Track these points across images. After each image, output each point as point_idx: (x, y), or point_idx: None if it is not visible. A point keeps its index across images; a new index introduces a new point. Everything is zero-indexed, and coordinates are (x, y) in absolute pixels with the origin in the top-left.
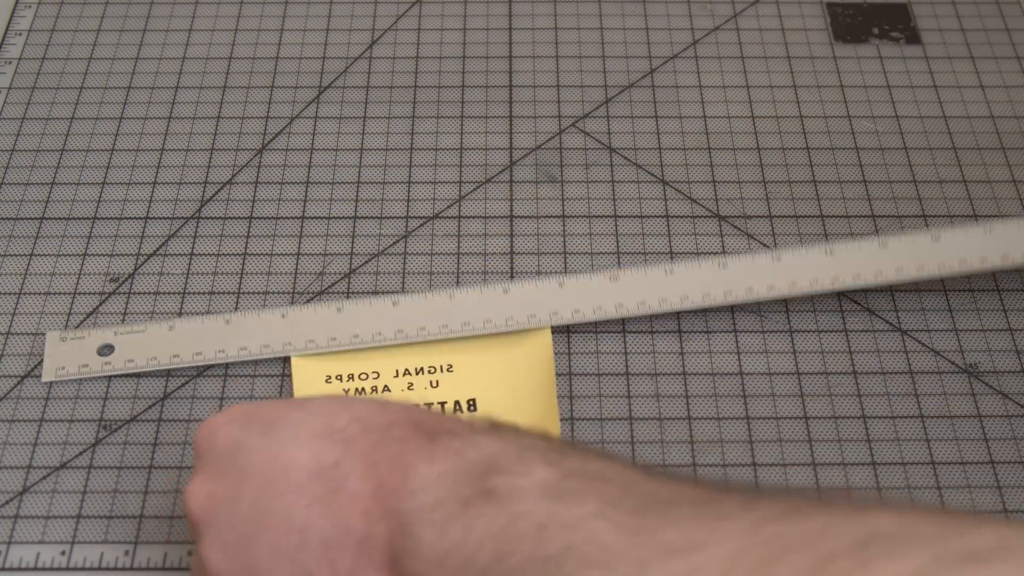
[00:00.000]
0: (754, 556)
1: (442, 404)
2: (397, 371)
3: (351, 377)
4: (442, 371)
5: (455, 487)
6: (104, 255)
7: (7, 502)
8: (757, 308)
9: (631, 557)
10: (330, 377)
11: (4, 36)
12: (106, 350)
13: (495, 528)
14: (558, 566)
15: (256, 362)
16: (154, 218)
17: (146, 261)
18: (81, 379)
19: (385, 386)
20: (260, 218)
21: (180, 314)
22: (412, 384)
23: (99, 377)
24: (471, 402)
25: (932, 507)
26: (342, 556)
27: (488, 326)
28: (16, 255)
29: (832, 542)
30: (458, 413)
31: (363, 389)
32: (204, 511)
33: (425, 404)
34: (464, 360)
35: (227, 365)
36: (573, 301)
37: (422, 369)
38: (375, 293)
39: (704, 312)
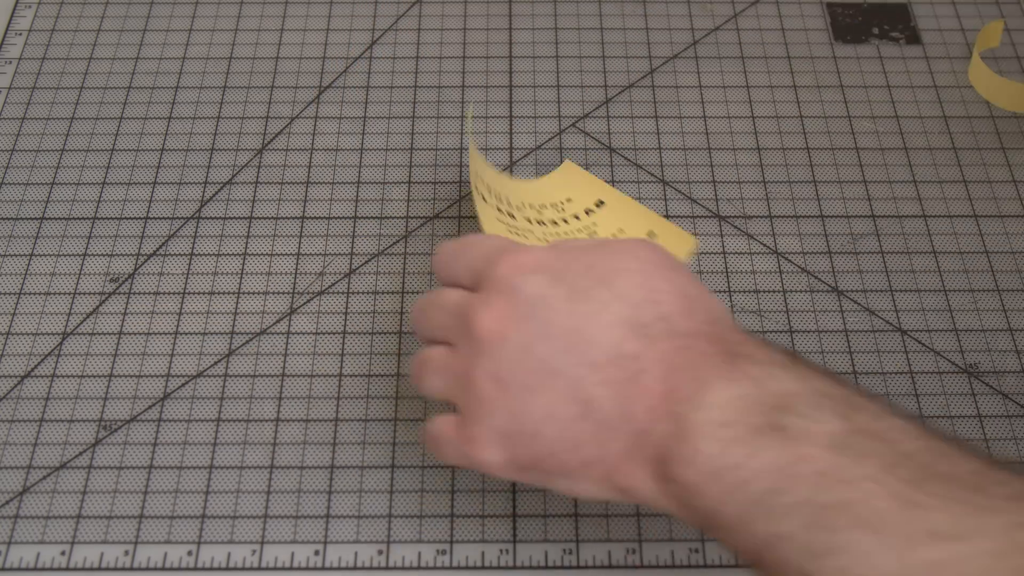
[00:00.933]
0: (1013, 561)
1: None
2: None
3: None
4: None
5: (748, 413)
6: (104, 255)
7: (7, 502)
8: (757, 308)
9: (901, 531)
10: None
11: (4, 36)
12: None
13: (780, 462)
14: (832, 517)
15: (256, 363)
16: (154, 218)
17: (146, 261)
18: (83, 376)
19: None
20: (260, 218)
21: (180, 314)
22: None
23: (100, 376)
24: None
25: None
26: (615, 440)
27: None
28: (16, 255)
29: None
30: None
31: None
32: (492, 336)
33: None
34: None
35: (227, 364)
36: None
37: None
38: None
39: None
